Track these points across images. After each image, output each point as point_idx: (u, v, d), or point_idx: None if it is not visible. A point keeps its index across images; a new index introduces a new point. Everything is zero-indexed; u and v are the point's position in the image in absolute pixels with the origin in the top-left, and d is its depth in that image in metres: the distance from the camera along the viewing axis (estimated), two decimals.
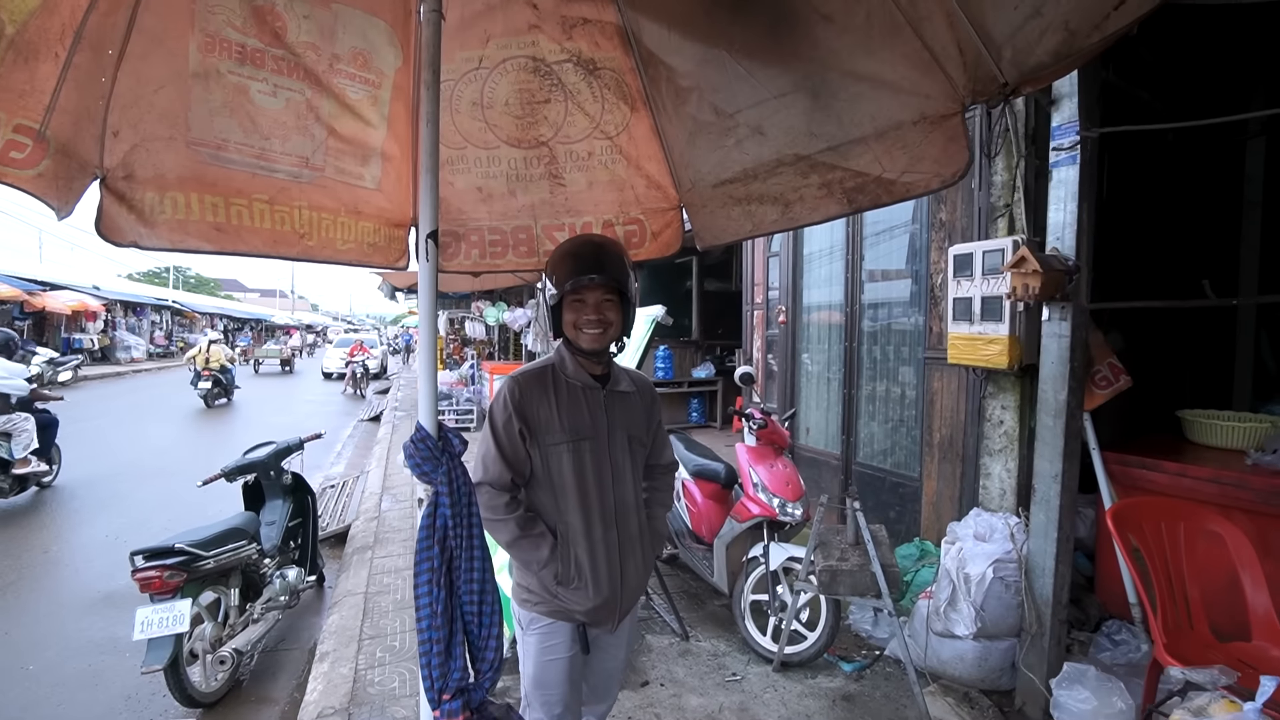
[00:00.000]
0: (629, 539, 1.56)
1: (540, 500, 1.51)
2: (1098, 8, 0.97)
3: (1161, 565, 2.24)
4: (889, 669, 2.94)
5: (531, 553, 1.45)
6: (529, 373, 1.54)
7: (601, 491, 1.52)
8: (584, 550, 1.48)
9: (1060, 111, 2.53)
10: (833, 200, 1.45)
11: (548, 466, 1.49)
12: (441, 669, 1.02)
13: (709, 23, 1.49)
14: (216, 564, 3.01)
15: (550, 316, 1.53)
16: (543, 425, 1.48)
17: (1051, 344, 2.48)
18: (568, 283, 1.44)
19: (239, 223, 1.37)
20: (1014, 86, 1.26)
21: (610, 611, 1.53)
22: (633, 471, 1.60)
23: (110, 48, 1.29)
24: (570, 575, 1.47)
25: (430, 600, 1.02)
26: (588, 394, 1.54)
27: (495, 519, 1.44)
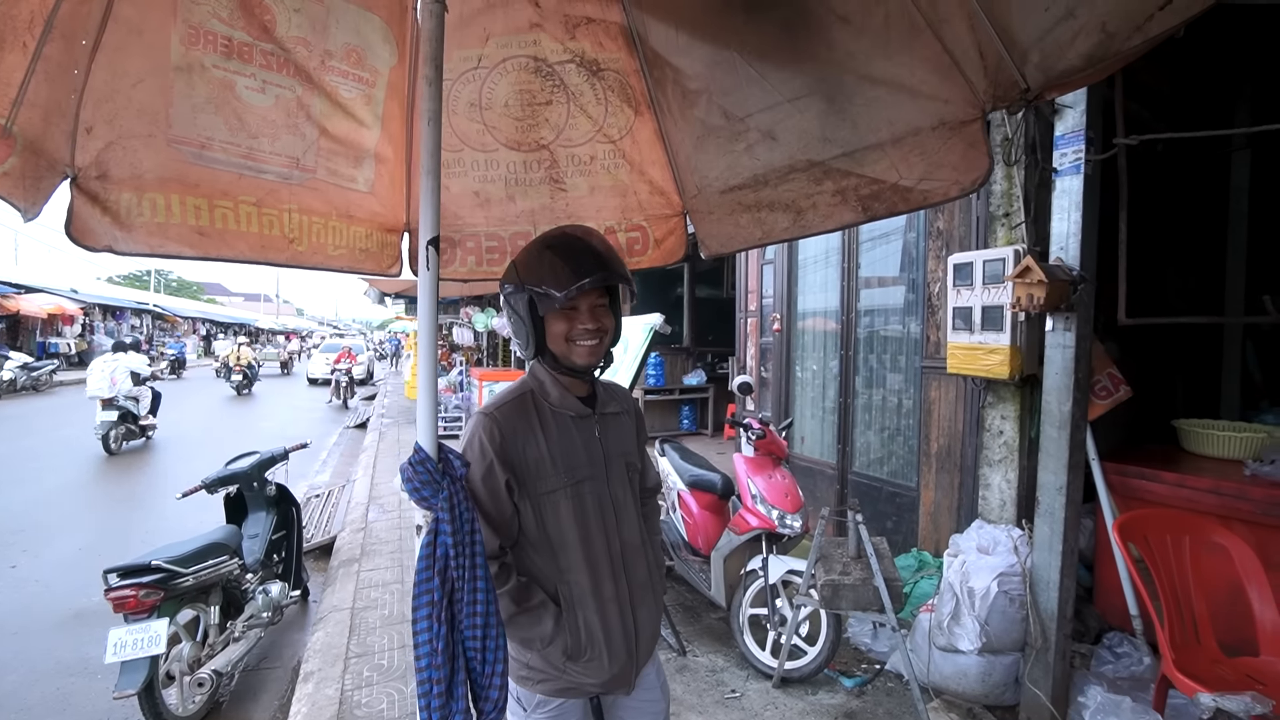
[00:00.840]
0: (639, 586, 1.32)
1: (532, 562, 1.25)
2: (1140, 8, 0.93)
3: (1167, 578, 2.22)
4: (890, 684, 2.89)
5: (532, 629, 1.20)
6: (506, 406, 1.25)
7: (607, 538, 1.28)
8: (594, 612, 1.24)
9: (1064, 120, 2.52)
10: (847, 208, 1.40)
11: (542, 520, 1.23)
12: (442, 711, 0.94)
13: (720, 23, 1.44)
14: (196, 581, 2.89)
15: (532, 330, 1.24)
16: (533, 471, 1.22)
17: (1056, 355, 2.46)
18: (572, 287, 1.16)
19: (224, 226, 1.29)
20: (1037, 92, 1.21)
21: (626, 676, 1.30)
22: (634, 505, 1.37)
23: (84, 38, 1.21)
24: (581, 647, 1.22)
25: (430, 636, 0.94)
26: (579, 424, 1.30)
27: None
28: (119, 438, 8.24)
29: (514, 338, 1.30)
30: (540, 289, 1.19)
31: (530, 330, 1.24)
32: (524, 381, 1.33)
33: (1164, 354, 4.44)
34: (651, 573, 1.37)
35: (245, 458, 3.80)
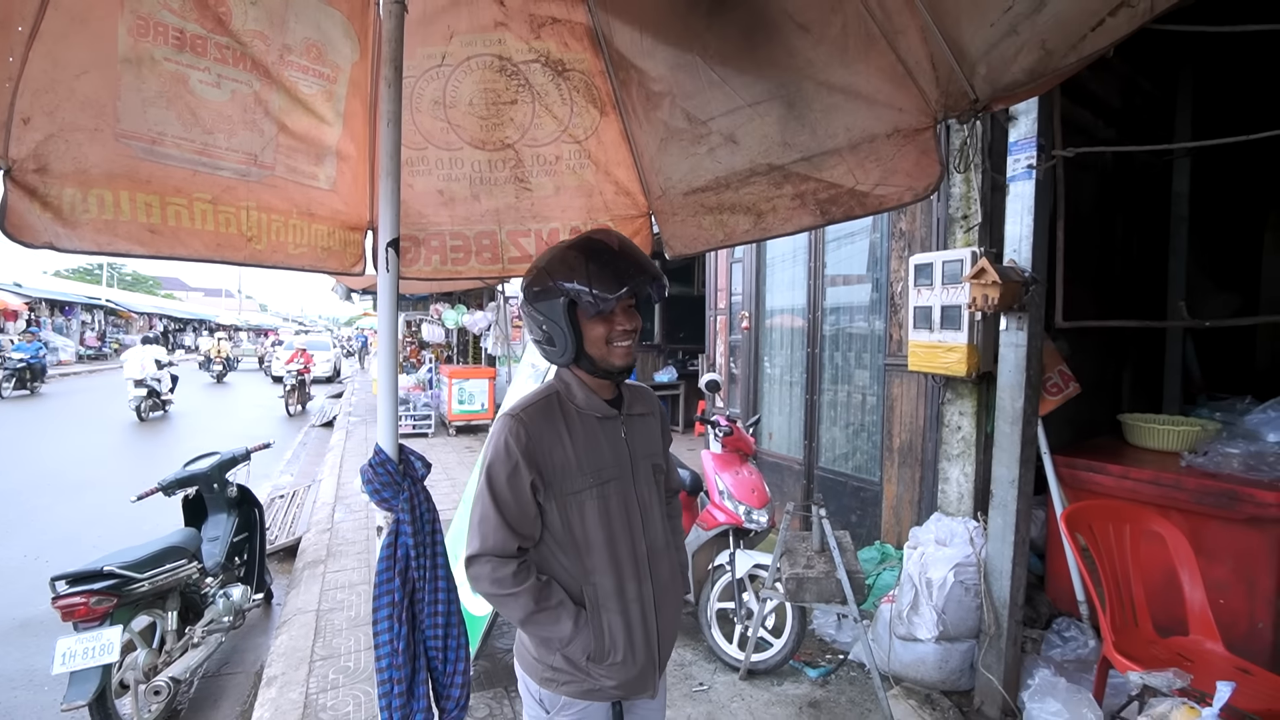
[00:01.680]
0: (662, 589, 1.32)
1: (557, 562, 1.25)
2: (1075, 29, 0.98)
3: (1109, 565, 2.33)
4: (853, 673, 2.97)
5: (551, 628, 1.20)
6: (532, 408, 1.25)
7: (632, 540, 1.28)
8: (617, 614, 1.23)
9: (1017, 127, 2.61)
10: (806, 211, 1.44)
11: (567, 521, 1.23)
12: (403, 710, 0.94)
13: (683, 27, 1.46)
14: (152, 586, 2.81)
15: (571, 335, 1.22)
16: (559, 472, 1.22)
17: (1009, 353, 2.55)
18: (617, 294, 1.16)
19: (177, 224, 1.25)
20: (985, 103, 1.27)
21: (649, 678, 1.30)
22: (660, 507, 1.37)
23: (20, 24, 1.16)
24: (605, 649, 1.22)
25: (391, 636, 0.94)
26: (605, 425, 1.30)
27: (502, 594, 1.18)
28: (147, 410, 11.03)
29: (544, 344, 1.28)
30: (585, 293, 1.18)
31: (569, 335, 1.23)
32: (550, 384, 1.32)
33: (1112, 351, 4.64)
34: (674, 575, 1.38)
35: (204, 458, 3.70)
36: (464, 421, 9.18)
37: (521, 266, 1.71)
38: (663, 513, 1.39)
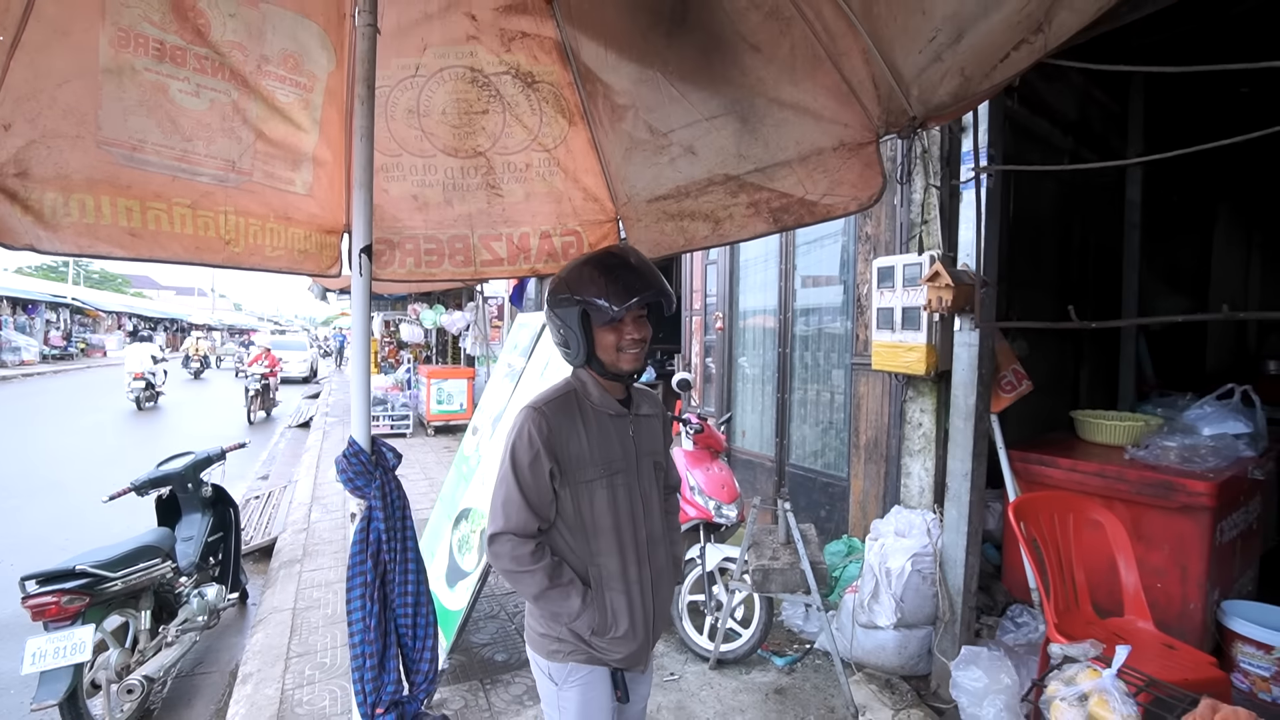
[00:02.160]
0: (658, 573, 1.46)
1: (566, 544, 1.38)
2: (988, 59, 1.08)
3: (1054, 552, 2.47)
4: (819, 661, 3.08)
5: (562, 604, 1.31)
6: (553, 402, 1.38)
7: (635, 527, 1.41)
8: (620, 593, 1.36)
9: (968, 138, 2.75)
10: (760, 219, 1.54)
11: (578, 506, 1.36)
12: (375, 682, 1.01)
13: (645, 45, 1.54)
14: (125, 585, 2.82)
15: (583, 340, 1.35)
16: (574, 461, 1.35)
17: (962, 352, 2.69)
18: (624, 305, 1.29)
19: (157, 228, 1.30)
20: (921, 120, 1.37)
21: (644, 653, 1.44)
22: (659, 500, 1.51)
23: (0, 33, 1.21)
24: (607, 623, 1.35)
25: (364, 614, 1.01)
26: (616, 422, 1.43)
27: (520, 570, 1.30)
28: (145, 400, 12.45)
29: (561, 346, 1.42)
30: (597, 303, 1.31)
31: (582, 340, 1.36)
32: (568, 382, 1.45)
33: (1070, 351, 4.85)
34: (668, 562, 1.52)
35: (178, 458, 3.69)
36: (442, 421, 9.18)
37: (493, 269, 1.79)
38: (661, 506, 1.52)
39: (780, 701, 2.76)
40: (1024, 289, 4.34)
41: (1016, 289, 4.29)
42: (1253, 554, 3.27)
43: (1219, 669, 2.07)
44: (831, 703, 2.74)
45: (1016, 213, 4.27)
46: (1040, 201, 4.48)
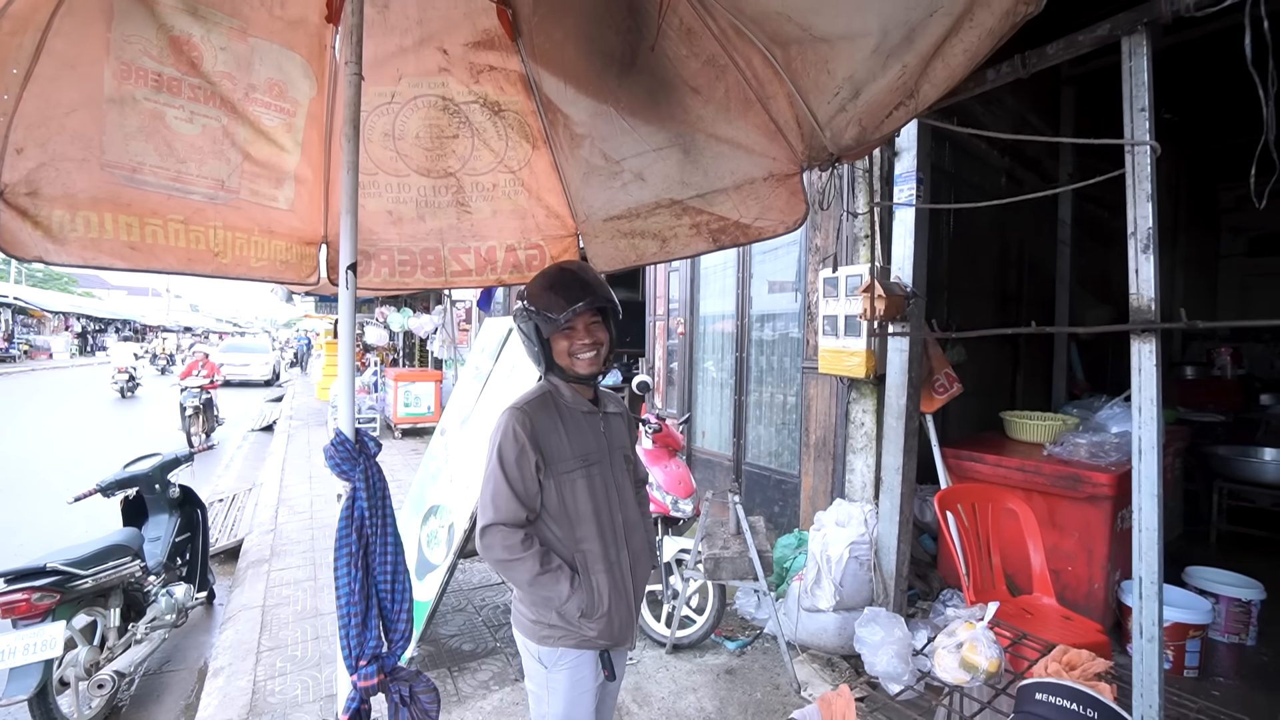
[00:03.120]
0: (635, 555, 1.58)
1: (552, 533, 1.49)
2: (878, 114, 1.31)
3: (973, 538, 2.74)
4: (767, 645, 3.31)
5: (552, 588, 1.41)
6: (533, 402, 1.50)
7: (612, 513, 1.54)
8: (603, 575, 1.48)
9: (901, 161, 3.02)
10: (701, 239, 1.75)
11: (561, 496, 1.47)
12: (359, 639, 1.18)
13: (600, 83, 1.74)
14: (95, 583, 2.86)
15: (541, 351, 1.51)
16: (555, 455, 1.46)
17: (895, 357, 2.95)
18: (564, 314, 1.44)
19: (154, 241, 1.44)
20: (838, 157, 1.60)
21: (629, 629, 1.56)
22: (631, 489, 1.65)
23: (14, 67, 1.34)
24: (594, 604, 1.45)
25: (349, 580, 1.18)
26: (588, 419, 1.56)
27: (512, 559, 1.40)
28: (127, 389, 14.52)
29: (530, 355, 1.58)
30: (542, 314, 1.47)
31: (540, 349, 1.52)
32: (543, 386, 1.59)
33: (1007, 357, 5.21)
34: (644, 545, 1.65)
35: (145, 459, 3.73)
36: (410, 424, 9.20)
37: (462, 279, 1.96)
38: (634, 493, 1.68)
39: (730, 681, 2.97)
40: (965, 297, 4.68)
41: (957, 297, 4.62)
42: None
43: (1103, 635, 2.35)
44: (777, 680, 2.96)
45: (958, 226, 4.61)
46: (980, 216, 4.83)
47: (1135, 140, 0.96)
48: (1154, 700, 0.97)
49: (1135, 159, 0.97)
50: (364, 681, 1.18)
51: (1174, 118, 6.57)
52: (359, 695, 1.19)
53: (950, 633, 1.46)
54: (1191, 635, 2.83)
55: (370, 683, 1.18)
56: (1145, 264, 0.97)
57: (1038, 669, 1.41)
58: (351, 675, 1.17)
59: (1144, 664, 1.00)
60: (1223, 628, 3.14)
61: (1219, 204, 8.10)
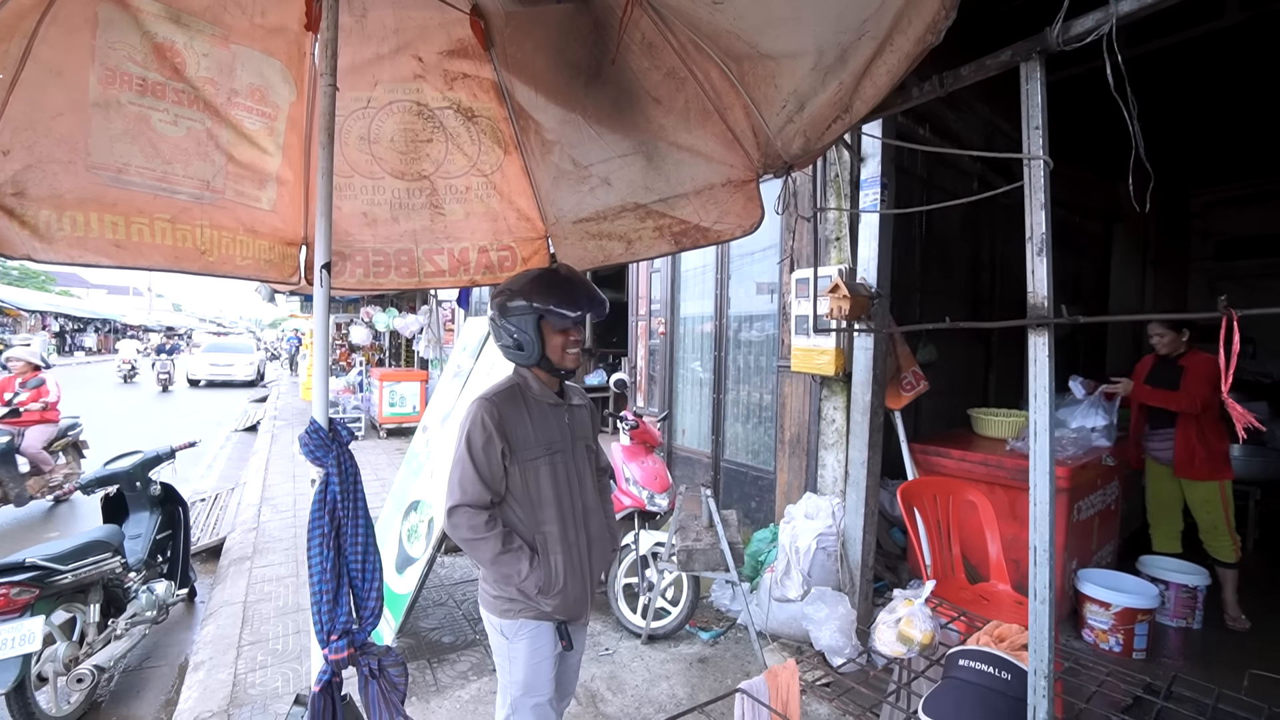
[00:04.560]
0: (593, 538, 1.72)
1: (516, 515, 1.62)
2: (820, 126, 1.42)
3: (934, 528, 2.86)
4: (740, 635, 3.40)
5: (513, 566, 1.54)
6: (501, 394, 1.64)
7: (573, 499, 1.67)
8: (560, 555, 1.60)
9: (867, 166, 3.14)
10: (664, 241, 1.84)
11: (525, 481, 1.60)
12: (330, 614, 1.25)
13: (568, 92, 1.83)
14: (75, 579, 2.89)
15: (537, 342, 1.61)
16: (521, 442, 1.59)
17: (860, 356, 3.07)
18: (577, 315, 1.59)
19: (140, 240, 1.51)
20: (789, 164, 1.71)
21: (584, 605, 1.70)
22: (591, 477, 1.78)
23: (1, 73, 1.41)
24: (551, 581, 1.58)
25: (321, 559, 1.25)
26: (554, 410, 1.70)
27: (476, 538, 1.53)
28: (129, 377, 18.13)
29: (512, 349, 1.67)
30: (558, 311, 1.58)
31: (537, 342, 1.63)
32: (511, 379, 1.71)
33: (979, 356, 5.37)
34: (601, 530, 1.77)
35: (126, 457, 3.75)
36: (395, 424, 9.22)
37: (435, 280, 2.03)
38: (594, 482, 1.79)
39: (703, 669, 3.06)
40: (936, 298, 4.82)
41: (929, 298, 4.76)
42: (1112, 531, 3.77)
43: None
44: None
45: (930, 229, 4.75)
46: (952, 219, 4.98)
47: (1030, 155, 1.06)
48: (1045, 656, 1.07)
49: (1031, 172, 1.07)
50: (334, 655, 1.26)
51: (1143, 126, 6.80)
52: (330, 668, 1.27)
53: (891, 610, 1.56)
54: (1140, 619, 2.97)
55: (340, 656, 1.26)
56: (1040, 265, 1.07)
57: (970, 641, 1.52)
58: (323, 649, 1.25)
59: (1037, 624, 1.10)
60: (1171, 612, 3.29)
61: (1189, 209, 8.34)
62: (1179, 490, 3.56)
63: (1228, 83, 5.54)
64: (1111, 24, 0.97)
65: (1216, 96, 5.86)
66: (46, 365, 6.23)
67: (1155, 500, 3.72)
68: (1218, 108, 6.09)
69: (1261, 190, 7.51)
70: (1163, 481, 3.65)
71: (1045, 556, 1.13)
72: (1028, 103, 1.07)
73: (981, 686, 1.24)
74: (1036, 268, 1.11)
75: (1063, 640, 3.11)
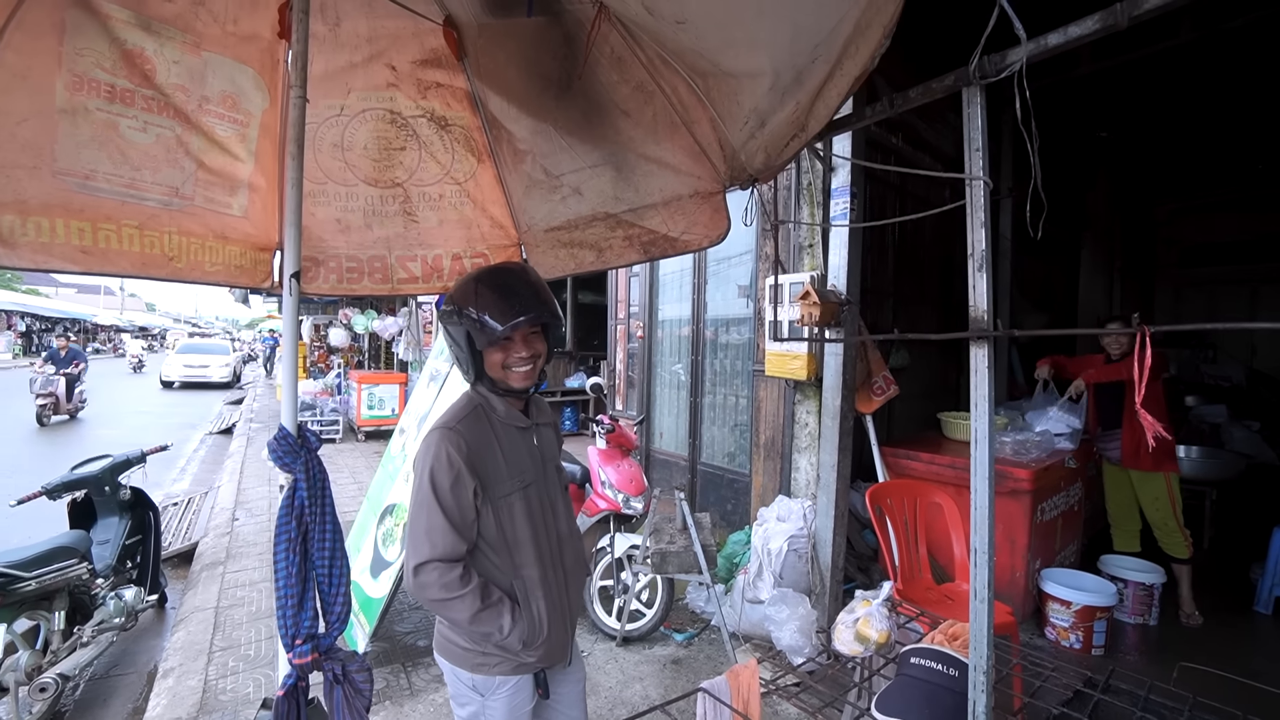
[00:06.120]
0: (569, 572, 1.50)
1: (489, 561, 1.37)
2: (778, 143, 1.47)
3: (901, 530, 2.93)
4: (714, 636, 3.45)
5: (493, 623, 1.30)
6: (466, 420, 1.36)
7: (548, 532, 1.44)
8: (543, 600, 1.38)
9: (837, 176, 3.21)
10: (633, 250, 1.88)
11: (499, 523, 1.35)
12: (295, 618, 1.27)
13: (539, 103, 1.86)
14: (39, 585, 2.85)
15: (471, 359, 1.38)
16: (492, 477, 1.34)
17: (830, 361, 3.14)
18: (505, 327, 1.31)
19: (107, 246, 1.51)
20: (754, 177, 1.76)
21: (566, 647, 1.48)
22: (563, 503, 1.55)
23: None
24: (535, 632, 1.35)
25: (287, 564, 1.27)
26: (523, 435, 1.45)
27: (450, 597, 1.27)
28: (139, 368, 22.42)
29: (455, 363, 1.47)
30: (478, 323, 1.32)
31: (469, 359, 1.38)
32: (470, 398, 1.44)
33: (950, 360, 5.49)
34: (577, 558, 1.55)
35: (95, 461, 3.70)
36: (373, 427, 9.14)
37: (408, 286, 2.05)
38: (567, 507, 1.57)
39: (676, 670, 3.10)
40: (909, 304, 4.93)
41: (901, 304, 4.87)
42: (1075, 531, 3.89)
43: (1011, 617, 2.55)
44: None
45: (903, 237, 4.85)
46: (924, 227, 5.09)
47: (972, 175, 1.12)
48: (983, 652, 1.13)
49: (972, 192, 1.13)
50: (299, 659, 1.27)
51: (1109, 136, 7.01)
52: (295, 672, 1.28)
53: (850, 610, 1.62)
54: (1099, 617, 3.07)
55: (305, 660, 1.28)
56: (980, 280, 1.13)
57: (925, 640, 1.58)
58: (288, 653, 1.27)
59: (976, 621, 1.15)
60: (1130, 609, 3.41)
61: (1155, 218, 8.60)
62: (1132, 489, 3.69)
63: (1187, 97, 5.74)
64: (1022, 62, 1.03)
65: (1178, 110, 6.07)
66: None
67: (1112, 500, 3.85)
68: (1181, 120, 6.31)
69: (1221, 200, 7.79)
70: (1117, 481, 3.78)
71: (985, 558, 1.19)
72: (968, 125, 1.13)
73: (930, 683, 1.29)
74: (978, 283, 1.17)
75: (1026, 638, 3.20)
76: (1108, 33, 0.99)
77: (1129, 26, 0.97)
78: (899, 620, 1.87)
